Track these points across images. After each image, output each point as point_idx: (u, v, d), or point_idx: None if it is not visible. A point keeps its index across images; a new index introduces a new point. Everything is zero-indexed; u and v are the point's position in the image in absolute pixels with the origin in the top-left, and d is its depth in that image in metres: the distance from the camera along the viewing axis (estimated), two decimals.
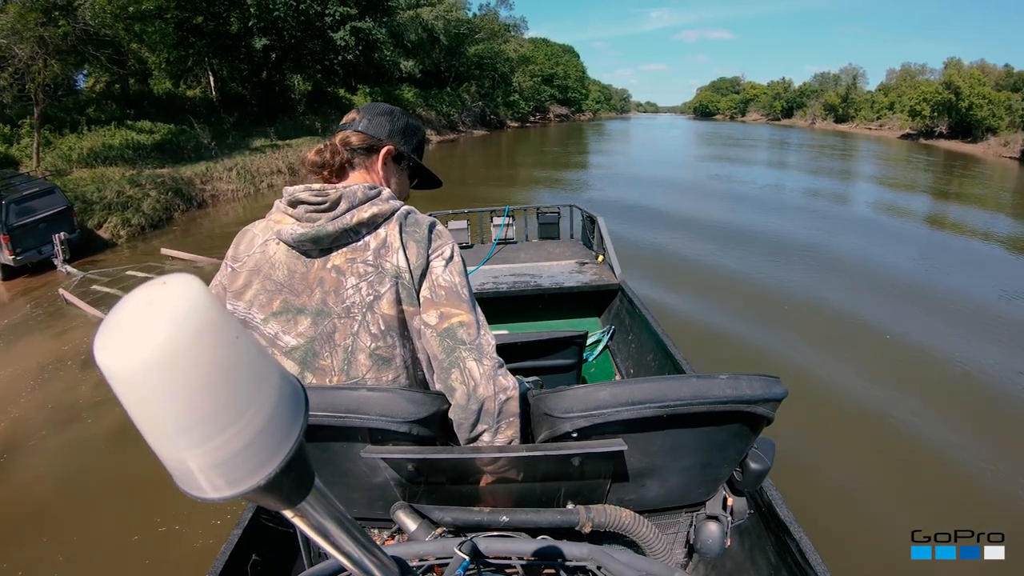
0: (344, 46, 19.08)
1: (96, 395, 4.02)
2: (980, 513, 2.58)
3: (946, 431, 3.32)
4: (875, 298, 5.86)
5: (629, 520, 0.85)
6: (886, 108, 49.62)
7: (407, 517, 0.81)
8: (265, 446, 0.30)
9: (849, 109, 53.67)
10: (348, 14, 18.86)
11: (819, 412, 3.48)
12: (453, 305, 0.90)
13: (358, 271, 0.90)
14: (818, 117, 57.04)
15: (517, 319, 3.45)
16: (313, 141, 16.35)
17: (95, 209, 8.59)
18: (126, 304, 0.27)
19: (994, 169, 22.26)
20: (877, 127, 47.94)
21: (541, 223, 4.45)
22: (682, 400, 0.77)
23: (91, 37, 11.47)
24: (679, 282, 6.20)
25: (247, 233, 0.99)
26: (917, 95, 39.99)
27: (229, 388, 0.28)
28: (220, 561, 1.16)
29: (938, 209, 12.37)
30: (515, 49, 32.30)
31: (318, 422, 0.78)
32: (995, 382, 4.07)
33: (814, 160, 21.42)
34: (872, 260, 7.38)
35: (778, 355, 4.39)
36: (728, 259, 7.26)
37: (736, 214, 10.40)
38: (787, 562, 1.19)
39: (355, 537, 0.40)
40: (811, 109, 59.88)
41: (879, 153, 27.84)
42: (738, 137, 37.23)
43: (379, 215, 0.92)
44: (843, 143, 33.56)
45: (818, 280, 6.48)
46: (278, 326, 0.91)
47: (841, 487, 2.83)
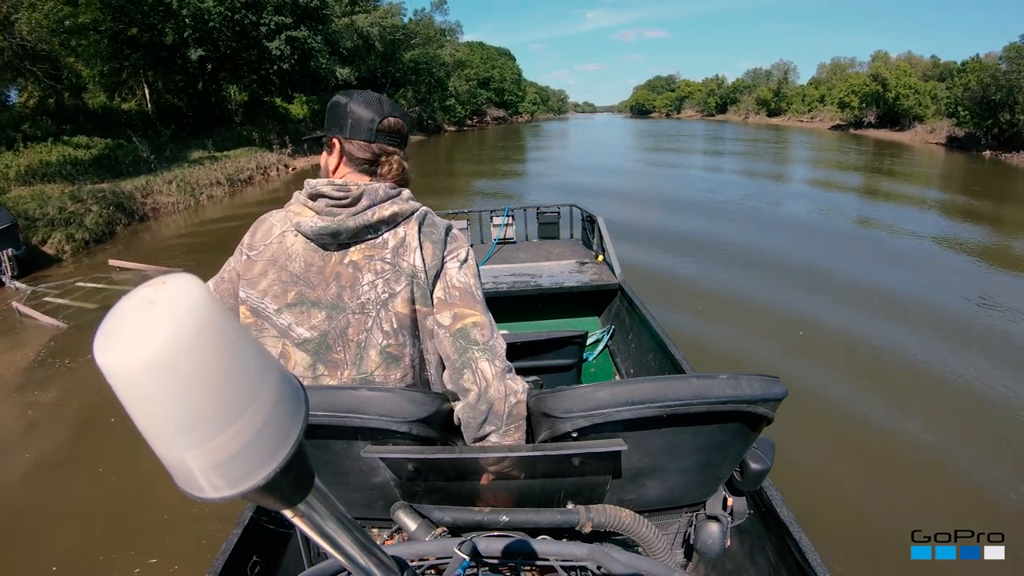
0: (280, 55, 19.02)
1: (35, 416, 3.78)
2: (980, 513, 2.58)
3: (946, 430, 3.32)
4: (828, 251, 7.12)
5: (629, 520, 0.85)
6: (817, 101, 52.22)
7: (407, 517, 0.81)
8: (265, 446, 0.30)
9: (781, 103, 56.32)
10: (283, 23, 18.82)
11: (793, 408, 3.49)
12: (467, 306, 0.91)
13: (375, 268, 0.91)
14: (751, 112, 60.60)
15: (517, 319, 3.45)
16: (251, 152, 16.41)
17: (38, 226, 8.55)
18: (126, 303, 0.27)
19: (922, 154, 24.64)
20: (809, 119, 50.41)
21: (541, 223, 4.45)
22: (682, 400, 0.77)
23: (27, 52, 11.34)
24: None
25: (264, 222, 0.99)
26: (846, 87, 42.90)
27: (229, 388, 0.28)
28: (220, 561, 1.16)
29: (870, 186, 13.85)
30: (451, 54, 32.47)
31: (318, 422, 0.78)
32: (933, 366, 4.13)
33: (749, 158, 22.31)
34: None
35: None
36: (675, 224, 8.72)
37: (668, 194, 11.91)
38: (787, 562, 1.19)
39: (355, 537, 0.40)
40: (744, 104, 63.36)
41: (811, 144, 29.55)
42: (672, 134, 38.14)
43: (400, 214, 0.92)
44: (776, 136, 35.17)
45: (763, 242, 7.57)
46: (292, 317, 0.91)
47: (841, 487, 2.83)
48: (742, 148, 25.92)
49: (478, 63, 42.39)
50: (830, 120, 46.09)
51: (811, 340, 4.49)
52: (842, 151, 24.94)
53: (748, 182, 14.17)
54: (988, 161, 22.32)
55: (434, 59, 29.56)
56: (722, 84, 72.25)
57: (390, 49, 25.99)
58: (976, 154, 24.74)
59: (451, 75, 32.65)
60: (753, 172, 16.06)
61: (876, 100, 38.06)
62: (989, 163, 21.68)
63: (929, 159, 22.89)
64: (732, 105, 67.22)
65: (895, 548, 2.25)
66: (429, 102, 30.54)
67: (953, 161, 22.40)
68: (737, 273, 6.23)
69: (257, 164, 15.48)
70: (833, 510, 2.62)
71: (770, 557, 1.26)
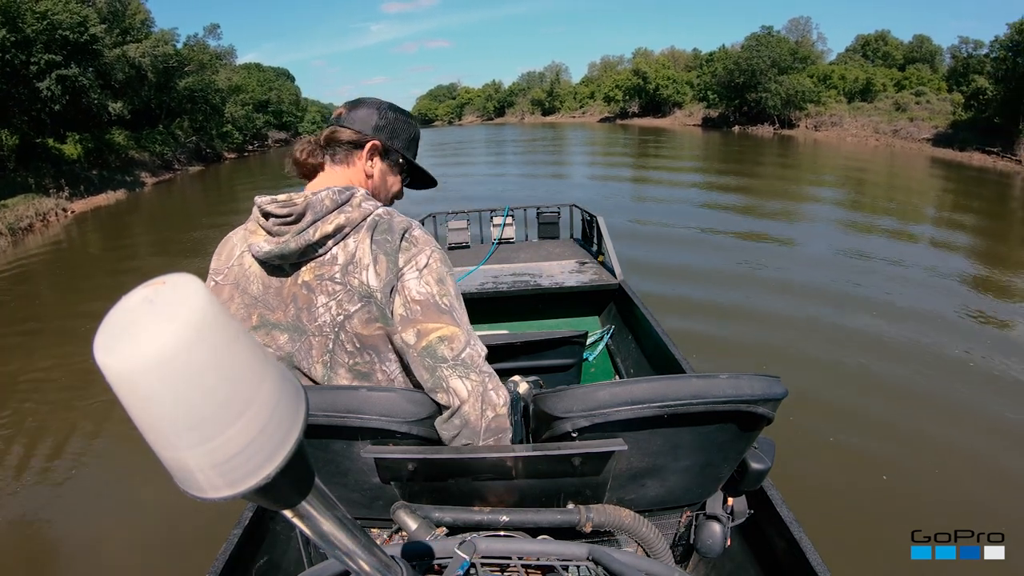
0: (50, 96, 18.11)
1: None
2: (980, 513, 2.58)
3: (946, 430, 3.32)
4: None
5: (629, 520, 0.85)
6: (587, 97, 56.92)
7: (407, 517, 0.81)
8: (265, 446, 0.30)
9: (555, 102, 60.62)
10: (54, 61, 17.90)
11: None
12: (430, 319, 0.84)
13: (327, 289, 0.86)
14: (526, 112, 64.39)
15: (517, 319, 3.44)
16: (28, 199, 14.47)
17: None
18: (126, 303, 0.27)
19: (682, 136, 29.79)
20: (580, 115, 55.29)
21: (541, 223, 4.45)
22: (682, 400, 0.77)
23: None
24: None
25: (228, 243, 0.96)
26: (611, 83, 47.80)
27: (229, 387, 0.28)
28: (220, 561, 1.16)
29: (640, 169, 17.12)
30: (227, 79, 31.42)
31: (318, 422, 0.78)
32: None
33: (527, 156, 23.81)
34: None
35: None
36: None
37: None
38: (787, 562, 1.19)
39: (355, 537, 0.40)
40: (520, 106, 67.18)
41: (584, 138, 32.83)
42: (450, 142, 37.69)
43: (346, 224, 0.86)
44: (552, 133, 38.07)
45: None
46: (259, 339, 0.88)
47: (841, 487, 2.83)
48: (521, 149, 26.87)
49: (255, 86, 41.17)
50: (599, 114, 50.95)
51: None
52: (609, 141, 29.29)
53: (531, 182, 14.73)
54: (738, 135, 28.59)
55: (209, 85, 28.41)
56: (499, 89, 74.83)
57: (163, 78, 24.63)
58: (727, 130, 31.45)
59: (227, 101, 31.54)
60: (535, 175, 16.59)
61: (638, 92, 43.33)
62: (739, 137, 27.92)
63: (689, 139, 27.79)
64: (509, 108, 69.92)
65: (895, 548, 2.25)
66: (207, 130, 29.28)
67: (709, 138, 27.73)
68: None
69: (36, 211, 13.93)
70: (833, 510, 2.62)
71: (770, 557, 1.25)
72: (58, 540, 2.85)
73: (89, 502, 3.07)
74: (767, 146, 23.80)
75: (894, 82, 31.18)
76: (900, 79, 31.47)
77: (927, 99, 26.83)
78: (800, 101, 29.98)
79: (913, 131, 23.68)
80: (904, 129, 24.17)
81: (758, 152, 21.37)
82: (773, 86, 30.02)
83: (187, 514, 2.59)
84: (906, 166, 18.11)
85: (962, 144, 20.16)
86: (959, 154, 19.51)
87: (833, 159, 19.62)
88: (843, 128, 27.23)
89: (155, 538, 2.70)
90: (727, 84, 32.61)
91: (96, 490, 3.19)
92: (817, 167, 17.85)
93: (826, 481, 2.85)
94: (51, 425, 3.90)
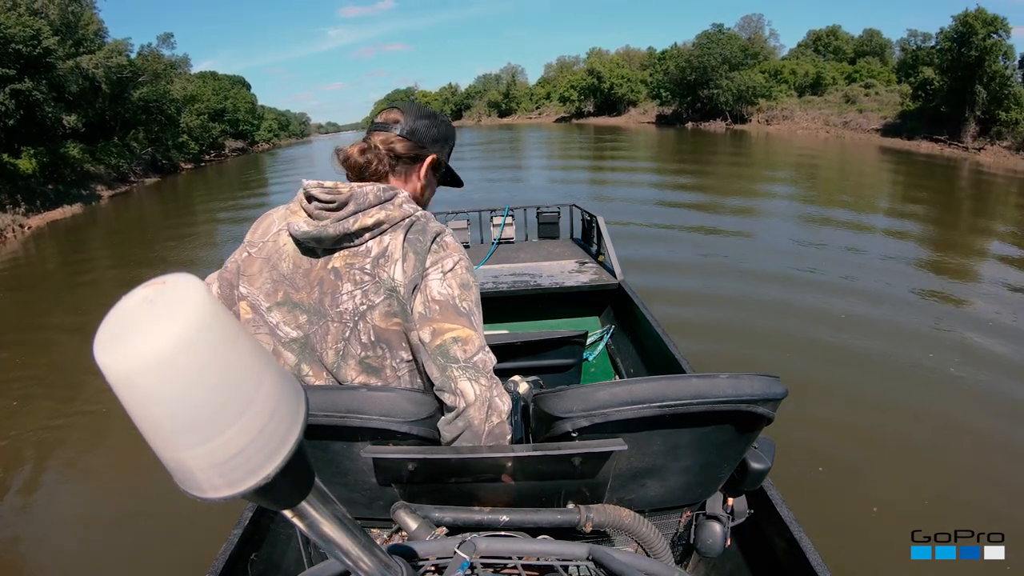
0: (4, 110, 17.68)
1: None
2: (980, 513, 2.57)
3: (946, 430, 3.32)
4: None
5: (629, 520, 0.85)
6: (544, 98, 57.40)
7: (407, 517, 0.81)
8: (264, 446, 0.30)
9: (511, 104, 60.86)
10: (7, 75, 17.55)
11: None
12: (448, 320, 0.86)
13: (355, 278, 0.88)
14: (483, 115, 64.41)
15: (517, 319, 3.44)
16: None
17: None
18: (126, 303, 0.27)
19: (637, 133, 30.67)
20: (536, 115, 55.95)
21: (541, 223, 4.45)
22: (682, 400, 0.77)
23: None
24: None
25: (267, 218, 0.99)
26: (566, 83, 48.64)
27: (229, 388, 0.28)
28: (220, 561, 1.16)
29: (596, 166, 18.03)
30: (182, 88, 31.05)
31: (318, 422, 0.78)
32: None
33: (484, 160, 23.29)
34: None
35: None
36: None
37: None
38: (787, 562, 1.19)
39: (355, 537, 0.40)
40: (477, 108, 67.23)
41: (540, 138, 33.16)
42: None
43: (386, 221, 0.88)
44: (508, 134, 38.15)
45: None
46: (280, 316, 0.91)
47: (841, 487, 2.82)
48: (479, 152, 26.10)
49: (210, 95, 40.62)
50: (555, 114, 51.64)
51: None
52: (566, 141, 29.74)
53: (489, 185, 14.50)
54: (691, 132, 29.60)
55: (164, 96, 28.01)
56: (456, 92, 74.55)
57: (118, 89, 24.19)
58: (681, 127, 32.36)
59: (182, 111, 31.12)
60: (493, 179, 16.26)
61: (593, 91, 43.83)
62: (692, 133, 28.78)
63: (644, 136, 28.63)
64: (467, 111, 69.23)
65: (895, 548, 2.25)
66: (162, 141, 28.73)
67: (663, 135, 28.57)
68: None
69: None
70: (833, 510, 2.62)
71: (770, 557, 1.26)
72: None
73: (57, 513, 3.02)
74: (720, 141, 24.49)
75: (844, 75, 31.76)
76: (851, 72, 32.16)
77: (876, 91, 27.52)
78: (751, 96, 30.62)
79: (863, 122, 24.48)
80: (854, 121, 24.96)
81: (712, 147, 21.94)
82: (724, 82, 30.65)
83: (187, 514, 2.59)
84: (857, 156, 18.75)
85: (910, 133, 20.90)
86: (907, 143, 20.22)
87: (786, 151, 20.50)
88: (794, 121, 28.08)
89: (155, 538, 2.70)
90: (679, 82, 33.31)
91: (61, 501, 3.15)
92: (771, 161, 18.59)
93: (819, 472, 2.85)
94: (16, 435, 3.85)
